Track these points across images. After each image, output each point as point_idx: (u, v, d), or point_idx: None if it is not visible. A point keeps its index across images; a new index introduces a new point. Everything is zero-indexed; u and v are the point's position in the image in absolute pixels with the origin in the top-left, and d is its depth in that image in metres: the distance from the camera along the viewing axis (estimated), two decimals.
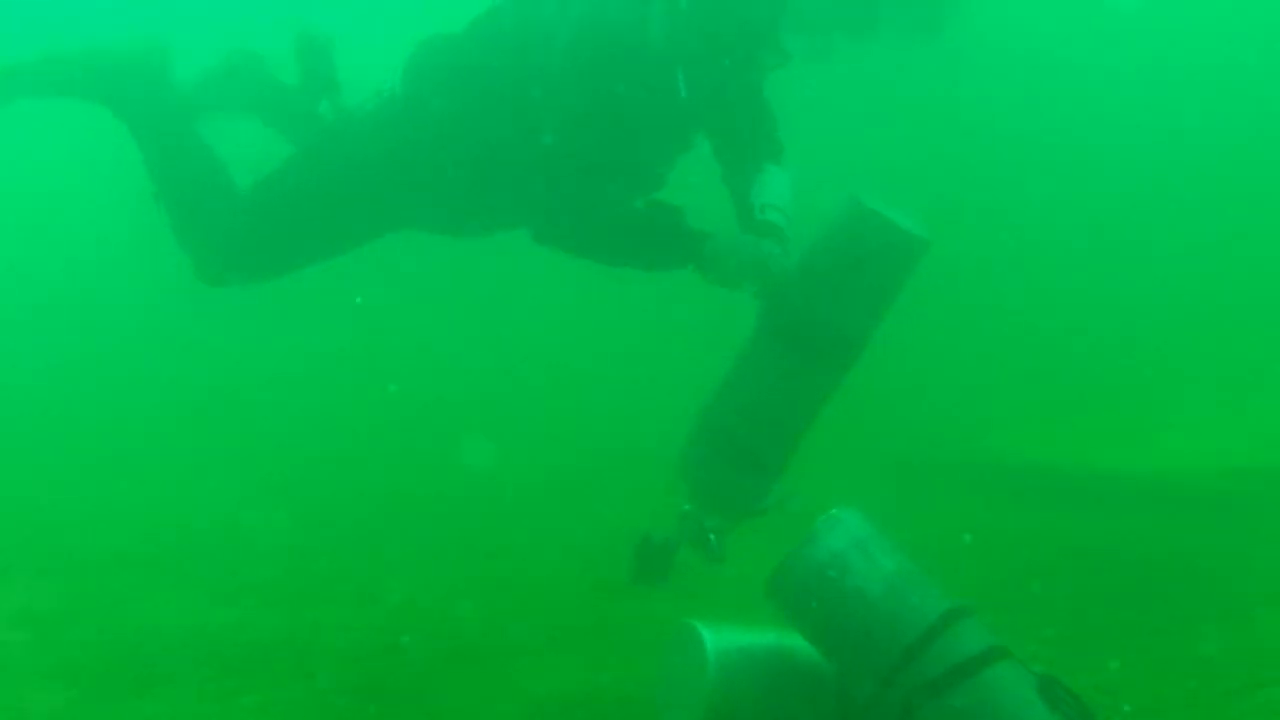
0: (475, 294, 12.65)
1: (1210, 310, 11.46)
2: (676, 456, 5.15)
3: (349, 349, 12.41)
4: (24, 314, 13.00)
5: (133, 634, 6.01)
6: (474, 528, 7.86)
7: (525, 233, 5.33)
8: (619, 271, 5.28)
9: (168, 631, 6.03)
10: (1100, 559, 6.65)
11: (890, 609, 3.99)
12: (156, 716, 5.11)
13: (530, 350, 12.10)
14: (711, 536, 4.89)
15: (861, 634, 3.99)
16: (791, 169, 5.66)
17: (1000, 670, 3.89)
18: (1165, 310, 11.69)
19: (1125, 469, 8.05)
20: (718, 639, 4.13)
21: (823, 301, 4.90)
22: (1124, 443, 8.60)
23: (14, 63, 5.34)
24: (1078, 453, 8.50)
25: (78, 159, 15.81)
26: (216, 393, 11.22)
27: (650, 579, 4.68)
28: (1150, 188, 13.96)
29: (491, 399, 11.03)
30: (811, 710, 4.21)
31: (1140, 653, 5.37)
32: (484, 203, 5.32)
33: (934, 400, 9.60)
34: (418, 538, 7.67)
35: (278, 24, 5.78)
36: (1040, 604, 5.94)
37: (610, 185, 5.23)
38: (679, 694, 4.18)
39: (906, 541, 4.39)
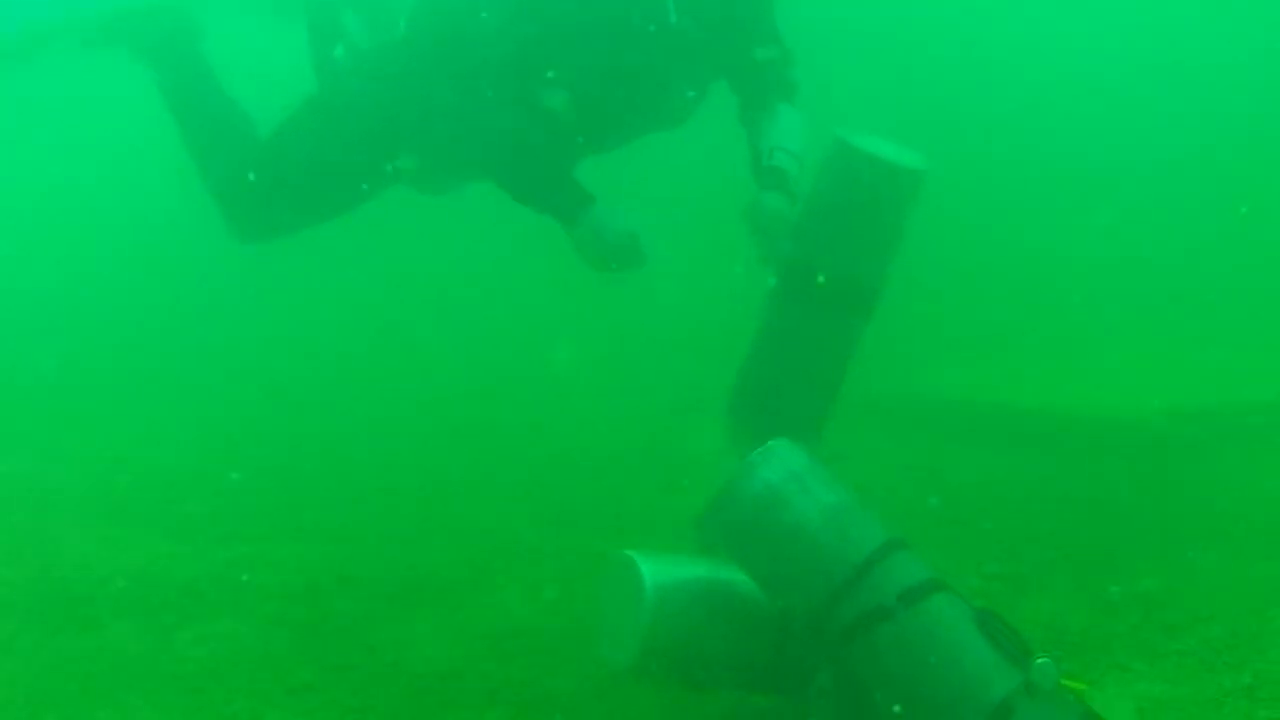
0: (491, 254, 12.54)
1: (1157, 261, 11.49)
2: (724, 419, 5.13)
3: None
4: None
5: (69, 569, 5.94)
6: (419, 467, 7.83)
7: None
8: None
9: (105, 567, 5.96)
10: (1043, 497, 6.67)
11: (827, 541, 3.96)
12: (93, 650, 5.06)
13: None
14: None
15: (798, 566, 3.97)
16: (805, 108, 5.58)
17: (938, 602, 3.87)
18: (1112, 259, 11.72)
19: (1068, 410, 8.05)
20: (655, 570, 4.10)
21: (827, 252, 4.87)
22: (1068, 385, 8.61)
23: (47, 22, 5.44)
24: (1021, 394, 8.51)
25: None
26: (184, 350, 11.11)
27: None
28: (1115, 148, 13.95)
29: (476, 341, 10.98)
30: (748, 641, 4.20)
31: (1081, 589, 5.41)
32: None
33: (878, 337, 9.60)
34: (362, 475, 7.63)
35: None
36: (982, 541, 5.96)
37: (591, 116, 5.24)
38: (616, 625, 4.15)
39: (850, 478, 4.39)
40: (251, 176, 5.55)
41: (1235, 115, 13.70)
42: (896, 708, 3.83)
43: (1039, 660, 3.69)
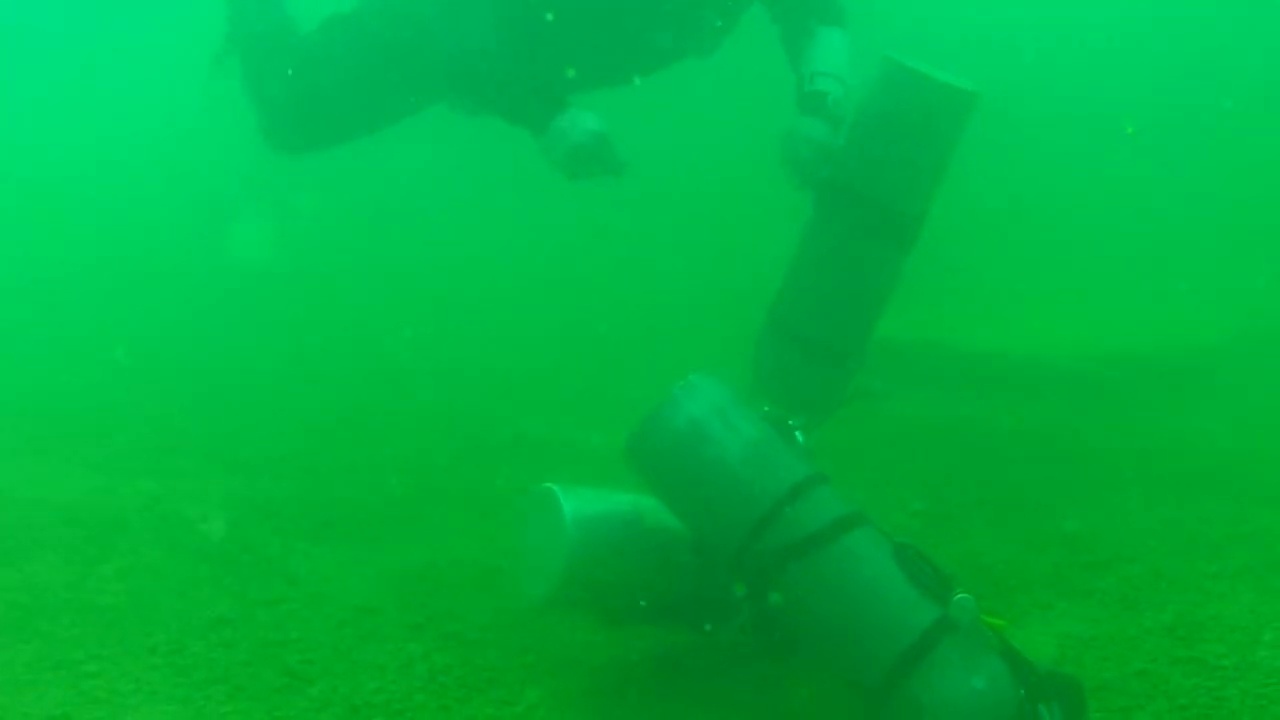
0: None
1: (1091, 209, 11.56)
2: (752, 358, 5.05)
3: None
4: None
5: None
6: (346, 404, 7.80)
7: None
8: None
9: (29, 500, 5.89)
10: (970, 437, 6.70)
11: (748, 475, 3.95)
12: (15, 582, 4.99)
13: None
14: (798, 435, 4.80)
15: (719, 500, 3.95)
16: (851, 31, 5.44)
17: (857, 537, 3.87)
18: (1046, 207, 11.78)
19: (999, 353, 8.09)
20: (575, 503, 4.08)
21: (871, 175, 4.76)
22: (1001, 329, 8.65)
23: None
24: (953, 336, 8.54)
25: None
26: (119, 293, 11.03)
27: None
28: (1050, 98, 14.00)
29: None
30: (668, 575, 4.19)
31: (1006, 528, 5.43)
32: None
33: None
34: (288, 412, 7.62)
35: None
36: (908, 479, 5.98)
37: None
38: (537, 558, 4.13)
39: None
40: (290, 73, 5.54)
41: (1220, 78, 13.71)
42: (816, 642, 3.84)
43: (958, 596, 3.69)
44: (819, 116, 5.10)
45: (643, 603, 4.21)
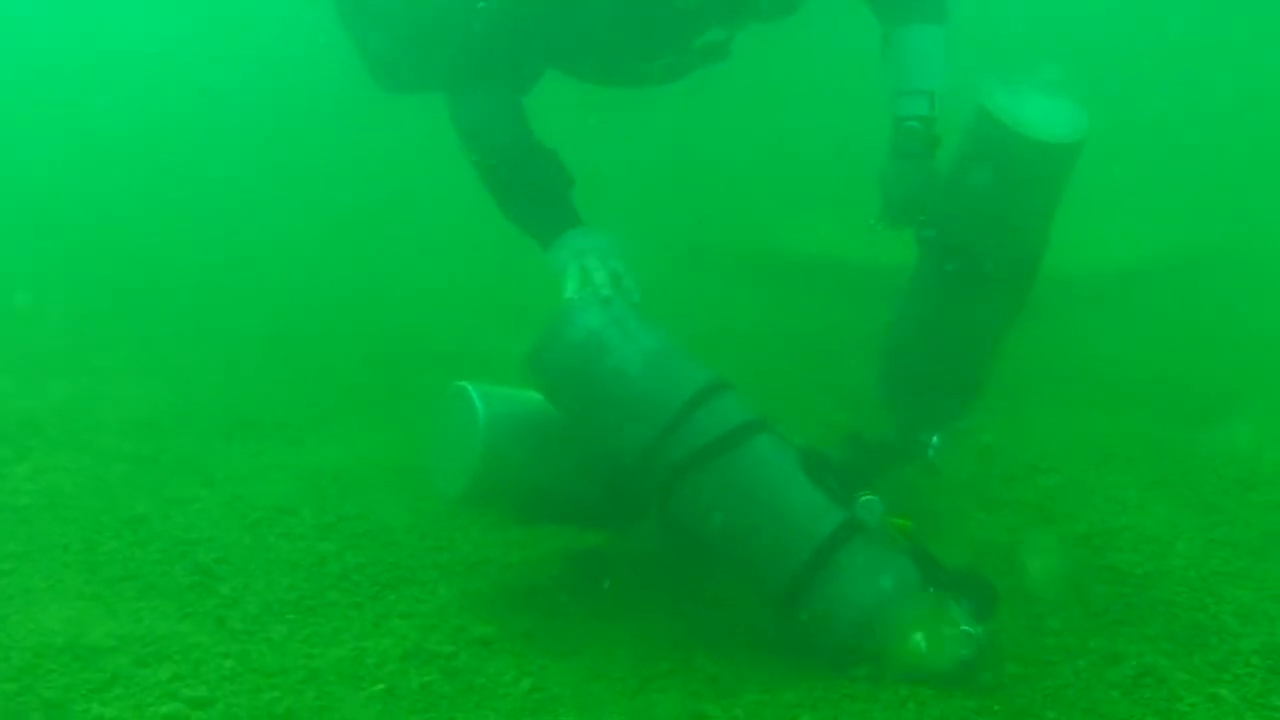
0: None
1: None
2: (874, 387, 5.04)
3: None
4: None
5: None
6: (267, 310, 7.77)
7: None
8: None
9: None
10: None
11: (650, 384, 3.90)
12: None
13: None
14: (931, 452, 4.74)
15: (622, 410, 3.93)
16: (945, 25, 4.87)
17: (761, 443, 3.85)
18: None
19: None
20: (488, 400, 4.05)
21: (973, 229, 4.53)
22: None
23: None
24: (880, 251, 8.50)
25: None
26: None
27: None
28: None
29: None
30: (580, 475, 4.17)
31: None
32: None
33: (734, 199, 9.62)
34: (208, 317, 7.62)
35: None
36: (829, 390, 6.00)
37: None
38: (451, 455, 4.10)
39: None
40: None
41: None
42: (723, 546, 3.83)
43: (864, 497, 3.69)
44: (908, 158, 4.71)
45: (555, 502, 4.21)
